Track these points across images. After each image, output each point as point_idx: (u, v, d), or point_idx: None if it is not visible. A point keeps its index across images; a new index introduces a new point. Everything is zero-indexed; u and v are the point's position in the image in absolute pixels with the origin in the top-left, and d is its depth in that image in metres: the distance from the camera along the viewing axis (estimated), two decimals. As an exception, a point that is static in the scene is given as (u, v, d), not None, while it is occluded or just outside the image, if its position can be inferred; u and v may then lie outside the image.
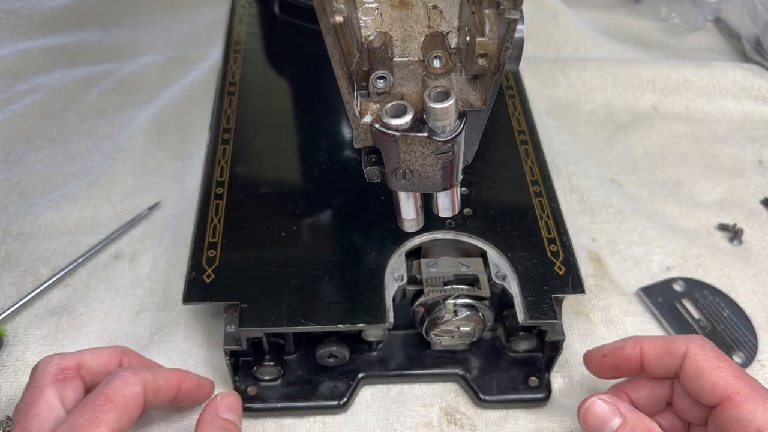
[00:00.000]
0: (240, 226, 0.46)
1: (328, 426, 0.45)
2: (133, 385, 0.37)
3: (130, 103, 0.68)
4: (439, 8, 0.34)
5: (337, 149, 0.52)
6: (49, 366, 0.38)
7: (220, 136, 0.52)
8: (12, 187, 0.59)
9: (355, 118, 0.32)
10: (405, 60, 0.35)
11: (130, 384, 0.37)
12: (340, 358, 0.45)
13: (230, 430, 0.39)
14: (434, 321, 0.42)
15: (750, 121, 0.69)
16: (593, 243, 0.57)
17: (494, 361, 0.47)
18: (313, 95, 0.56)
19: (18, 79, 0.70)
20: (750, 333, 0.51)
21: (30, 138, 0.64)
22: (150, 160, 0.62)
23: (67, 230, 0.56)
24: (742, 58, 0.77)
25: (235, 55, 0.60)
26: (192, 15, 0.80)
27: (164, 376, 0.40)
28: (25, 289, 0.51)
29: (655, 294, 0.53)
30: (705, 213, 0.60)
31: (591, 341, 0.49)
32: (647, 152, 0.66)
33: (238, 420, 0.41)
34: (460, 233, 0.46)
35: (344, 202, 0.48)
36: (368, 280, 0.43)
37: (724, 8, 0.81)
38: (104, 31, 0.77)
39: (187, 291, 0.42)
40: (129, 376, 0.37)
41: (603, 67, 0.72)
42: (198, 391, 0.43)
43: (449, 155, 0.32)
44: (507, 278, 0.43)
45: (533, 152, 0.52)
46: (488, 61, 0.31)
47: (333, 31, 0.28)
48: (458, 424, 0.45)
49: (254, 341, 0.43)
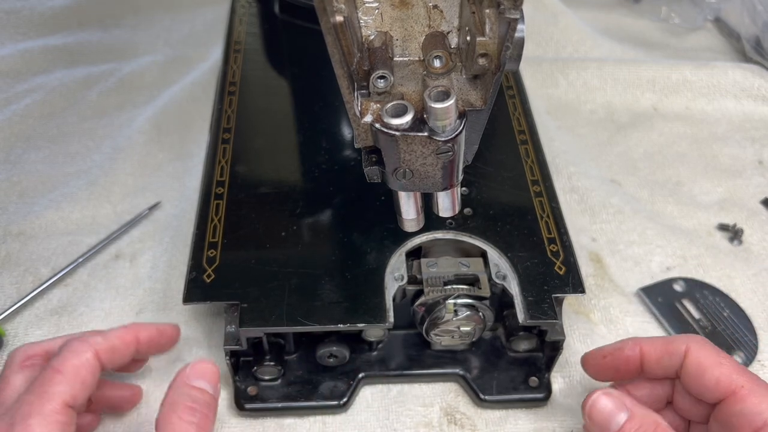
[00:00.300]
0: (240, 225, 0.46)
1: (329, 426, 0.45)
2: (83, 353, 0.37)
3: (130, 103, 0.68)
4: (440, 8, 0.34)
5: (338, 149, 0.52)
6: (18, 354, 0.39)
7: (221, 135, 0.52)
8: (12, 187, 0.59)
9: (356, 118, 0.32)
10: (405, 60, 0.35)
11: (78, 352, 0.37)
12: (341, 358, 0.45)
13: (201, 400, 0.36)
14: (434, 321, 0.42)
15: (750, 121, 0.70)
16: (593, 243, 0.57)
17: (494, 361, 0.47)
18: (313, 95, 0.56)
19: (18, 79, 0.70)
20: (750, 333, 0.51)
21: (30, 138, 0.64)
22: (150, 160, 0.62)
23: (68, 230, 0.56)
24: (742, 58, 0.77)
25: (236, 55, 0.60)
26: (192, 15, 0.80)
27: (116, 334, 0.39)
28: (25, 288, 0.51)
29: (655, 294, 0.53)
30: (705, 213, 0.60)
31: (591, 341, 0.49)
32: (647, 152, 0.66)
33: (213, 389, 0.37)
34: (460, 233, 0.46)
35: (344, 202, 0.48)
36: (368, 280, 0.43)
37: (724, 8, 0.81)
38: (104, 31, 0.77)
39: (187, 291, 0.42)
40: (77, 344, 0.37)
41: (603, 67, 0.72)
42: (160, 337, 0.43)
43: (449, 155, 0.32)
44: (507, 278, 0.43)
45: (533, 152, 0.52)
46: (488, 61, 0.31)
47: (333, 31, 0.28)
48: (458, 424, 0.45)
49: (254, 341, 0.43)
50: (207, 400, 0.36)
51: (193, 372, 0.37)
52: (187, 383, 0.36)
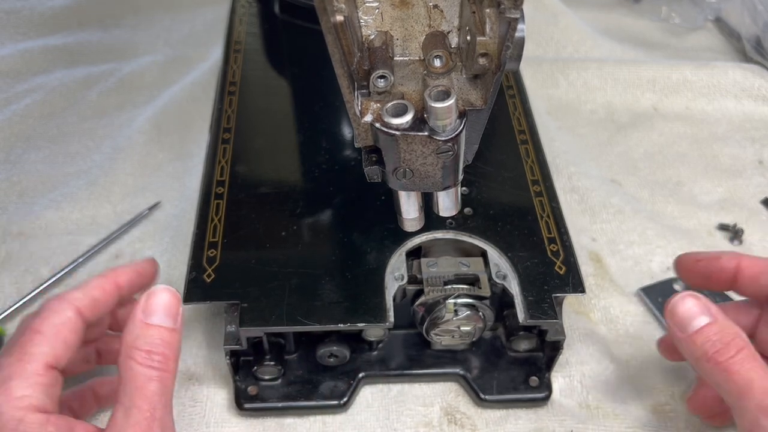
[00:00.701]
0: (240, 225, 0.46)
1: (329, 425, 0.45)
2: (62, 311, 0.35)
3: (130, 103, 0.68)
4: (440, 7, 0.34)
5: (338, 149, 0.52)
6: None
7: (221, 135, 0.52)
8: (12, 187, 0.59)
9: (356, 118, 0.32)
10: (406, 59, 0.35)
11: (58, 311, 0.35)
12: (341, 357, 0.45)
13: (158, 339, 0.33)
14: (434, 321, 0.42)
15: (750, 121, 0.69)
16: (593, 243, 0.57)
17: (494, 361, 0.47)
18: (313, 95, 0.56)
19: (18, 79, 0.70)
20: (750, 333, 0.51)
21: (30, 138, 0.64)
22: (150, 160, 0.62)
23: (67, 230, 0.56)
24: (742, 58, 0.77)
25: (236, 55, 0.60)
26: (192, 15, 0.80)
27: (94, 285, 0.38)
28: (25, 288, 0.51)
29: (656, 294, 0.53)
30: (705, 213, 0.60)
31: (591, 341, 0.49)
32: (647, 152, 0.66)
33: (173, 322, 0.34)
34: (460, 233, 0.46)
35: (344, 202, 0.48)
36: (368, 280, 0.43)
37: (724, 8, 0.81)
38: (104, 31, 0.77)
39: (187, 291, 0.42)
40: (56, 302, 0.36)
41: (603, 67, 0.72)
42: (140, 278, 0.41)
43: (450, 154, 0.32)
44: (507, 278, 0.43)
45: (533, 152, 0.52)
46: (489, 61, 0.31)
47: (334, 31, 0.28)
48: (458, 423, 0.45)
49: (254, 341, 0.43)
50: (166, 338, 0.33)
51: (148, 308, 0.34)
52: (143, 321, 0.34)
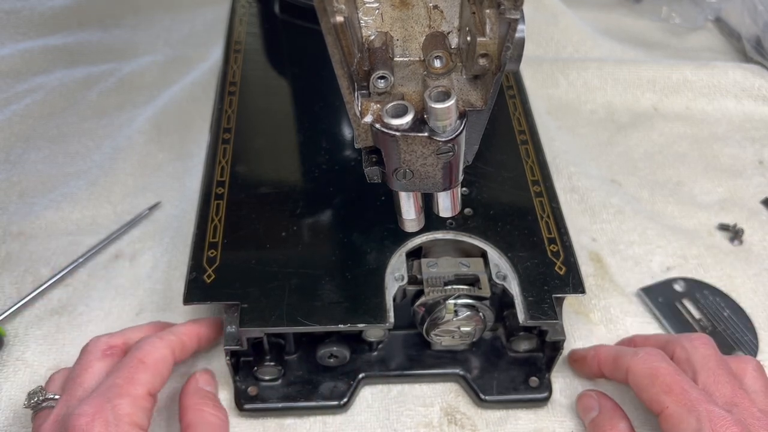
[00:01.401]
0: (240, 226, 0.46)
1: (329, 426, 0.45)
2: (162, 348, 0.41)
3: (130, 103, 0.68)
4: (440, 8, 0.34)
5: (338, 149, 0.52)
6: (99, 343, 0.42)
7: (221, 136, 0.52)
8: (12, 187, 0.59)
9: (356, 118, 0.32)
10: (406, 60, 0.35)
11: (158, 347, 0.41)
12: (341, 358, 0.45)
13: (212, 399, 0.43)
14: (435, 321, 0.42)
15: (750, 121, 0.69)
16: (594, 243, 0.57)
17: (495, 361, 0.47)
18: (313, 95, 0.56)
19: (18, 79, 0.70)
20: (750, 333, 0.51)
21: (30, 138, 0.64)
22: (150, 160, 0.62)
23: (67, 230, 0.56)
24: (742, 58, 0.77)
25: (236, 55, 0.60)
26: (192, 15, 0.80)
27: (184, 332, 0.44)
28: (25, 289, 0.51)
29: (656, 294, 0.53)
30: (705, 213, 0.60)
31: (591, 341, 0.49)
32: (647, 152, 0.66)
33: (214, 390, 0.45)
34: (460, 233, 0.46)
35: (344, 202, 0.48)
36: (369, 280, 0.43)
37: (724, 8, 0.81)
38: (104, 31, 0.77)
39: (187, 291, 0.42)
40: (156, 340, 0.41)
41: (603, 67, 0.72)
42: (214, 333, 0.46)
43: (450, 155, 0.32)
44: (507, 278, 0.43)
45: (534, 152, 0.52)
46: (489, 61, 0.31)
47: (334, 31, 0.28)
48: (459, 424, 0.45)
49: (255, 341, 0.43)
50: (212, 398, 0.44)
51: (203, 379, 0.45)
52: (201, 387, 0.44)
